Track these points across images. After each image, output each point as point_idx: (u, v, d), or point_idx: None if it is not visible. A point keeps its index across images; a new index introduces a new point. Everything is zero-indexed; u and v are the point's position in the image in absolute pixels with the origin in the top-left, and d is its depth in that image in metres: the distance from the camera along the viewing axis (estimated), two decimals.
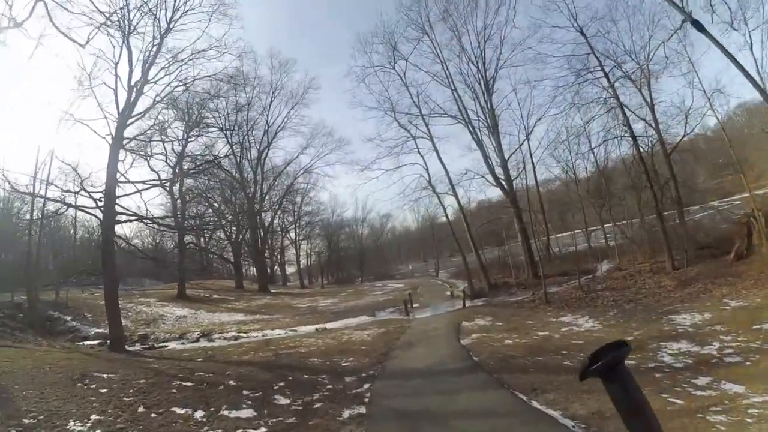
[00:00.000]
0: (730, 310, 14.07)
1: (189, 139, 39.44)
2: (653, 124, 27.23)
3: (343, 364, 14.50)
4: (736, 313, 13.59)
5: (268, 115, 51.00)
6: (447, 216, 34.53)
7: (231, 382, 12.41)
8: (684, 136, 27.38)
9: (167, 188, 38.89)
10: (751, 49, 20.71)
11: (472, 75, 35.02)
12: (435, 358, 13.87)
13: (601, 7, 34.26)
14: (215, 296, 41.08)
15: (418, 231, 77.80)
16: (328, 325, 24.36)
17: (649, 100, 27.06)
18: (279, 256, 65.35)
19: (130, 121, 21.03)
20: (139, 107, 22.25)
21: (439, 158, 33.84)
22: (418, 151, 34.98)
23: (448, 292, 32.42)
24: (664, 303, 17.94)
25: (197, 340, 22.05)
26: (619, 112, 28.70)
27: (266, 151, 51.59)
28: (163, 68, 23.35)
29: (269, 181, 53.77)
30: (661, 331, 13.26)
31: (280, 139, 53.06)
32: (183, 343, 21.45)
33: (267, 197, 54.79)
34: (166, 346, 20.93)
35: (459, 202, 33.19)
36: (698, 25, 18.46)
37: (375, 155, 36.90)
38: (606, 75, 28.72)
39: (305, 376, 13.17)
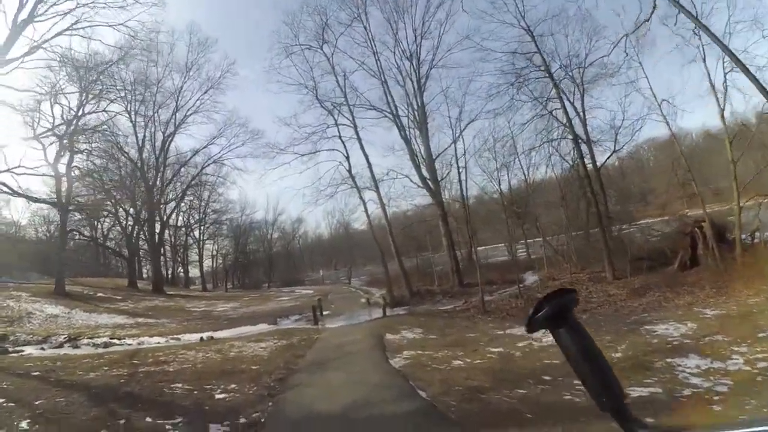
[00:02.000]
0: (714, 319, 12.26)
1: (85, 109, 33.25)
2: (583, 137, 25.25)
3: (218, 397, 9.55)
4: (722, 321, 11.77)
5: (178, 97, 43.62)
6: (367, 212, 29.63)
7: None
8: (614, 152, 26.33)
9: (50, 162, 31.64)
10: (704, 60, 19.10)
11: (404, 70, 30.87)
12: (358, 392, 8.86)
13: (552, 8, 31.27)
14: (100, 294, 34.49)
15: (330, 239, 73.06)
16: (219, 334, 19.50)
17: (581, 112, 25.37)
18: (182, 256, 57.85)
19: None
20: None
21: (362, 148, 29.11)
22: (340, 138, 30.01)
23: (364, 300, 27.50)
24: (625, 313, 15.71)
25: (61, 346, 17.80)
26: (561, 114, 25.92)
27: (173, 136, 44.17)
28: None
29: (173, 169, 46.72)
30: (651, 345, 10.89)
31: (189, 125, 45.37)
32: (43, 349, 17.22)
33: (170, 188, 47.76)
34: (22, 351, 16.69)
35: (381, 199, 28.44)
36: None
37: (291, 141, 30.51)
38: (550, 75, 25.69)
39: (149, 418, 8.08)
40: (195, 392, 9.92)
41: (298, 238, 72.97)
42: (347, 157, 29.28)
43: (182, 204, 53.18)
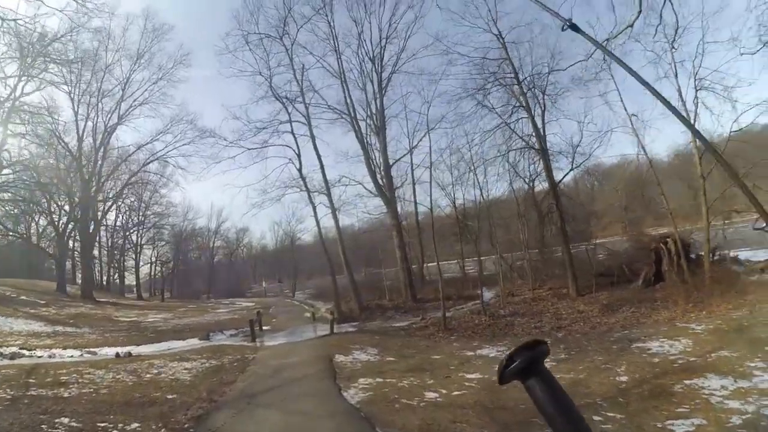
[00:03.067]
0: (707, 335, 10.94)
1: (25, 89, 29.69)
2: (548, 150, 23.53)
3: None
4: (718, 337, 10.47)
5: (126, 86, 38.70)
6: (316, 216, 26.49)
7: None
8: (571, 170, 24.71)
9: None
10: (676, 76, 17.95)
11: (366, 71, 28.61)
12: None
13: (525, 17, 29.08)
14: (23, 298, 30.73)
15: (275, 250, 69.23)
16: (141, 349, 16.86)
17: (542, 126, 23.36)
18: (118, 261, 52.98)
19: None
20: None
21: (315, 147, 26.36)
22: (292, 133, 27.17)
23: (308, 314, 24.78)
24: (604, 330, 14.06)
25: None
26: (525, 125, 24.17)
27: (115, 127, 39.09)
28: None
29: (114, 164, 41.94)
30: (654, 365, 9.27)
31: (135, 118, 40.52)
32: None
33: (108, 184, 42.89)
34: None
35: (332, 204, 25.64)
36: (575, 28, 14.72)
37: (240, 135, 27.29)
38: (519, 83, 23.65)
39: None
40: None
41: (242, 248, 69.09)
42: (298, 155, 26.58)
43: (121, 204, 48.68)
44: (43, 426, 7.64)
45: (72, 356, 15.64)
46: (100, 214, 43.27)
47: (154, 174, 44.59)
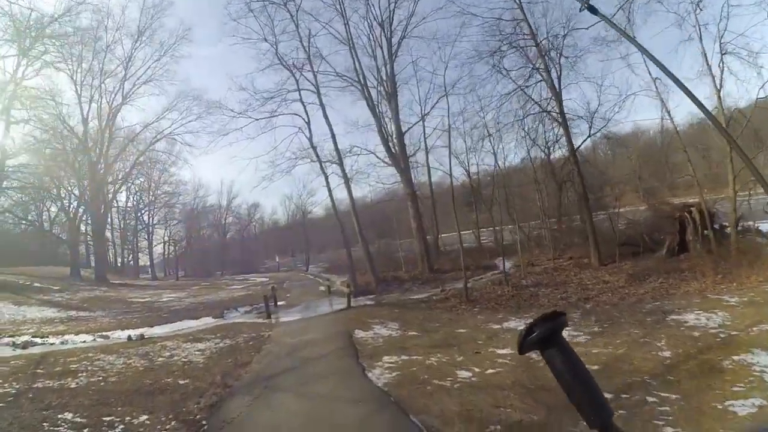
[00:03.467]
0: (743, 307, 10.21)
1: (25, 73, 28.75)
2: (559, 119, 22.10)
3: None
4: (756, 310, 9.71)
5: (128, 65, 37.85)
6: (329, 186, 25.21)
7: None
8: (590, 136, 22.93)
9: None
10: (701, 39, 16.97)
11: (375, 37, 27.11)
12: None
13: None
14: (36, 285, 30.25)
15: (287, 225, 68.57)
16: (154, 331, 16.43)
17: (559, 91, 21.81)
18: (131, 242, 52.26)
19: None
20: None
21: (325, 115, 25.07)
22: (301, 101, 25.81)
23: (323, 288, 24.11)
24: (633, 301, 13.06)
25: None
26: (539, 91, 22.97)
27: (120, 107, 38.29)
28: None
29: (121, 145, 40.60)
30: (696, 339, 8.48)
31: (139, 97, 39.28)
32: None
33: (117, 165, 41.73)
34: None
35: (345, 174, 24.56)
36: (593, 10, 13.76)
37: (247, 107, 26.07)
38: (537, 44, 22.25)
39: None
40: (85, 430, 6.58)
41: (254, 224, 68.33)
42: (308, 124, 25.33)
43: (131, 185, 47.88)
44: (44, 424, 6.98)
45: (84, 341, 15.04)
46: (110, 196, 42.40)
47: (162, 153, 43.52)
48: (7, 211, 38.95)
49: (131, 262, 52.56)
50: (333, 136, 24.70)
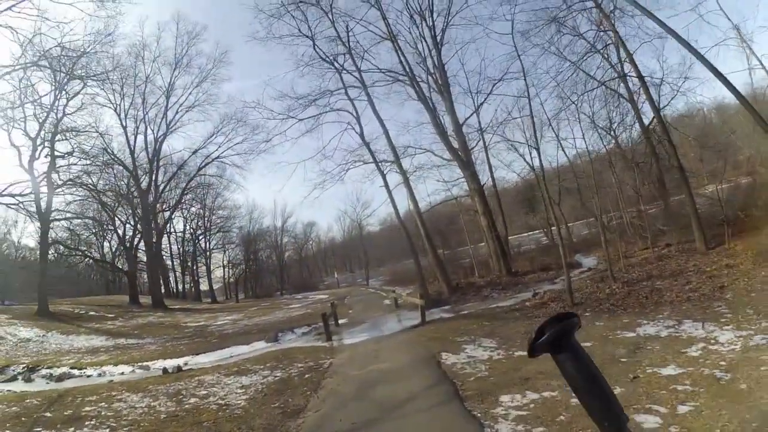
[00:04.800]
0: None
1: (66, 109, 28.34)
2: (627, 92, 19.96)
3: None
4: None
5: (169, 93, 37.15)
6: (387, 187, 21.77)
7: None
8: (673, 99, 19.50)
9: (26, 166, 26.71)
10: None
11: (416, 29, 24.10)
12: None
13: None
14: (92, 313, 29.05)
15: (343, 241, 67.59)
16: (197, 360, 13.86)
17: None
18: (190, 268, 51.45)
19: None
20: None
21: (375, 111, 22.01)
22: (347, 95, 22.82)
23: (388, 301, 20.97)
24: None
25: (15, 378, 13.78)
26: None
27: (164, 136, 37.58)
28: None
29: (169, 172, 40.14)
30: None
31: (183, 124, 38.84)
32: None
33: (167, 193, 41.38)
34: None
35: (404, 171, 21.28)
36: None
37: (288, 113, 23.46)
38: (599, 4, 18.98)
39: None
40: None
41: (311, 242, 67.29)
42: (357, 118, 22.42)
43: (186, 213, 47.82)
44: None
45: (123, 373, 13.29)
46: (162, 222, 42.39)
47: (212, 176, 42.88)
48: (72, 249, 39.36)
49: (192, 288, 52.12)
50: (386, 132, 21.63)
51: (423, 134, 24.08)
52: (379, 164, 21.66)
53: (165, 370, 11.99)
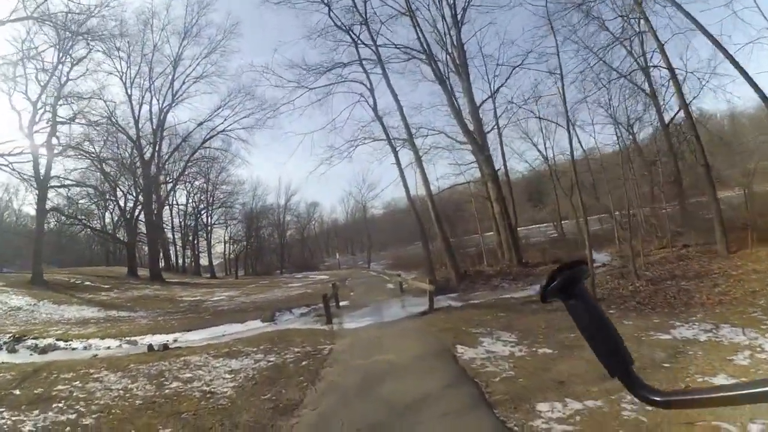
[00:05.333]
0: None
1: (70, 74, 27.49)
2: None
3: None
4: None
5: (176, 63, 35.99)
6: (399, 164, 20.65)
7: None
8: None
9: (25, 130, 25.99)
10: None
11: (435, 3, 22.68)
12: None
13: None
14: (87, 283, 28.31)
15: (347, 223, 67.03)
16: (187, 337, 13.13)
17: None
18: (192, 242, 50.29)
19: None
20: None
21: (389, 85, 20.67)
22: (361, 64, 21.60)
23: (391, 285, 19.93)
24: None
25: None
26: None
27: (170, 107, 36.58)
28: None
29: (174, 144, 39.20)
30: None
31: (190, 95, 37.93)
32: None
33: (168, 164, 40.25)
34: None
35: (417, 151, 19.92)
36: None
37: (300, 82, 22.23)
38: None
39: None
40: None
41: (314, 222, 66.44)
42: (371, 90, 21.19)
43: (190, 186, 46.72)
44: None
45: (109, 347, 12.75)
46: (164, 194, 41.43)
47: (217, 149, 41.81)
48: (71, 218, 38.38)
49: (192, 263, 50.96)
50: (400, 107, 20.34)
51: (436, 117, 23.04)
52: (392, 140, 20.44)
53: (150, 347, 11.03)
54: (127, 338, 13.59)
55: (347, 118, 24.10)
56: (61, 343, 13.52)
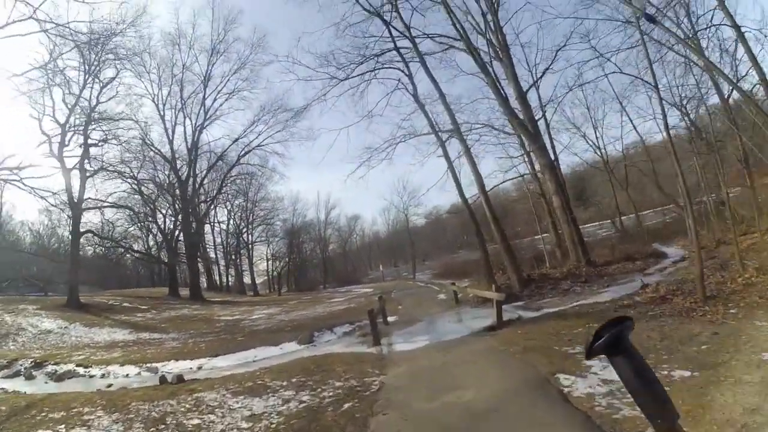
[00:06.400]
0: None
1: (100, 97, 27.17)
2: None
3: None
4: None
5: (206, 82, 35.17)
6: (447, 156, 17.99)
7: None
8: None
9: (55, 154, 25.31)
10: None
11: None
12: None
13: None
14: (125, 305, 27.51)
15: (388, 235, 66.23)
16: (213, 362, 11.65)
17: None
18: (234, 261, 49.78)
19: None
20: None
21: (428, 72, 18.43)
22: (396, 49, 19.38)
23: (443, 295, 17.60)
24: None
25: (18, 374, 12.69)
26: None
27: (203, 125, 35.57)
28: None
29: (209, 162, 37.94)
30: None
31: (224, 114, 37.66)
32: None
33: (205, 183, 39.25)
34: None
35: (465, 142, 17.24)
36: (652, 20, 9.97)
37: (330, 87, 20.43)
38: None
39: None
40: None
41: (355, 235, 65.95)
42: (409, 76, 19.07)
43: (230, 205, 46.39)
44: None
45: (127, 375, 11.76)
46: (201, 213, 40.62)
47: (253, 166, 40.73)
48: (109, 239, 37.83)
49: (236, 281, 50.77)
50: (442, 95, 18.00)
51: (476, 113, 21.00)
52: (437, 130, 18.09)
53: (163, 379, 9.20)
54: (148, 365, 12.20)
55: (385, 106, 22.12)
56: (81, 370, 12.67)
